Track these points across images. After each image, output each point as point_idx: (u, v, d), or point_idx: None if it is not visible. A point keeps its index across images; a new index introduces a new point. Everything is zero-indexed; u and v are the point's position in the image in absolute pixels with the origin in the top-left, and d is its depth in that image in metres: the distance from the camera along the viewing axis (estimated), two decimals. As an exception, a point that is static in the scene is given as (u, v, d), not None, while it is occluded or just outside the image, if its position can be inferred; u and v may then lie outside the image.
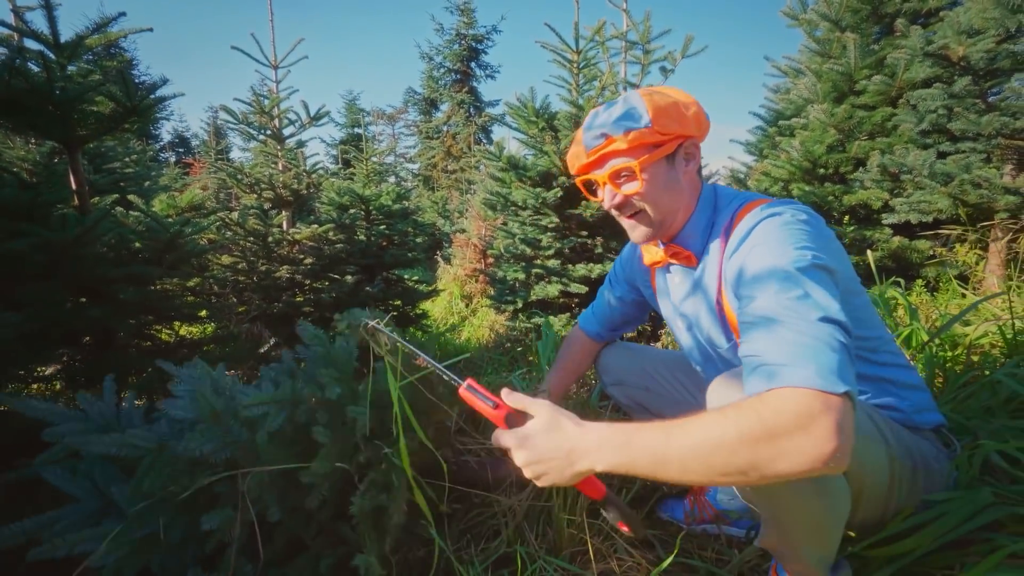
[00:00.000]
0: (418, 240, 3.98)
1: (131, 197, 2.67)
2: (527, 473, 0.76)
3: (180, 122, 23.10)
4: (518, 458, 0.76)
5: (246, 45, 3.04)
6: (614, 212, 1.02)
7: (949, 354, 1.67)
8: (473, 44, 18.97)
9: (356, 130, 22.02)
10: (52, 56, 2.01)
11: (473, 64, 19.29)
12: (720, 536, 1.25)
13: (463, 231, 8.41)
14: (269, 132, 2.93)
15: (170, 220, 2.34)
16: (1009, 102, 2.40)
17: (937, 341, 1.64)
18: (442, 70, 19.45)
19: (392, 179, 17.54)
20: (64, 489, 1.08)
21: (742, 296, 0.81)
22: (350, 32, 66.12)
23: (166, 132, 22.13)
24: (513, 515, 1.22)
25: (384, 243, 3.74)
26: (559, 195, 2.86)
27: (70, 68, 2.12)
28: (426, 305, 4.20)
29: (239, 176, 2.90)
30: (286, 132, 3.01)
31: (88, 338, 2.11)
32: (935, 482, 0.93)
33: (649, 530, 1.28)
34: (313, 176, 3.05)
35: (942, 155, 2.90)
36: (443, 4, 18.94)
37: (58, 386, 2.00)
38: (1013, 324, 1.48)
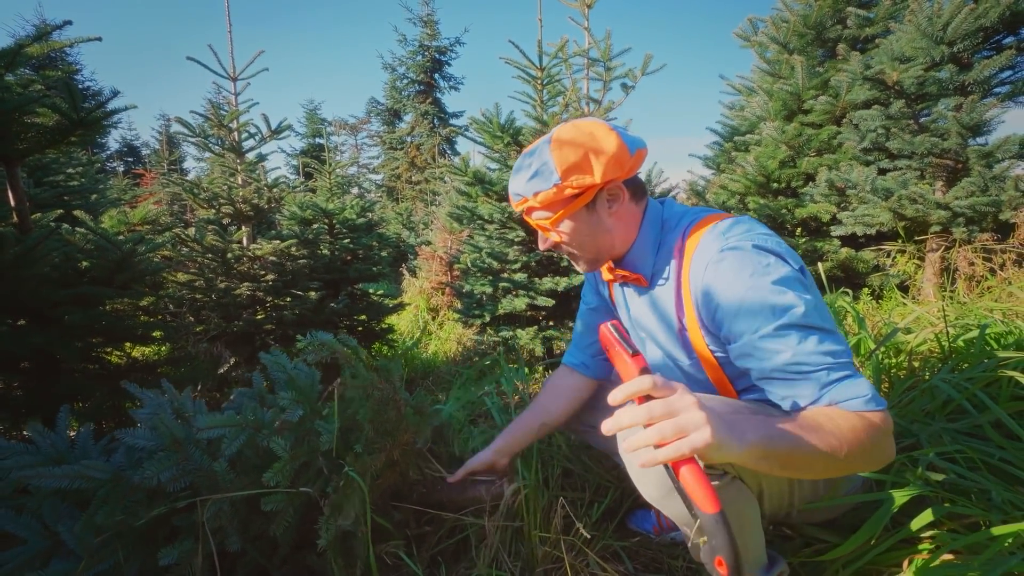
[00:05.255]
0: (383, 254, 3.94)
1: (77, 213, 2.54)
2: (695, 418, 0.62)
3: (129, 130, 21.98)
4: (685, 401, 0.63)
5: (203, 56, 2.96)
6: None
7: (893, 361, 1.78)
8: (437, 56, 19.02)
9: (317, 140, 21.61)
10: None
11: (437, 76, 19.32)
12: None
13: (428, 243, 8.35)
14: (228, 145, 2.85)
15: (122, 238, 2.24)
16: (938, 124, 2.60)
17: (882, 349, 1.74)
18: (405, 81, 19.39)
19: (355, 190, 17.28)
20: (9, 530, 1.02)
21: (745, 353, 0.85)
22: (311, 41, 65.11)
23: (114, 140, 21.14)
24: (486, 536, 1.22)
25: (348, 257, 3.68)
26: (525, 209, 2.89)
27: (8, 77, 2.01)
28: (392, 319, 4.14)
29: (196, 190, 2.80)
30: (246, 145, 2.93)
31: (27, 364, 1.99)
32: (840, 478, 1.00)
33: (619, 542, 1.31)
34: (275, 190, 2.98)
35: (883, 171, 3.09)
36: (406, 15, 18.94)
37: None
38: (947, 332, 1.59)
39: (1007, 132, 2.53)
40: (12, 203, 2.04)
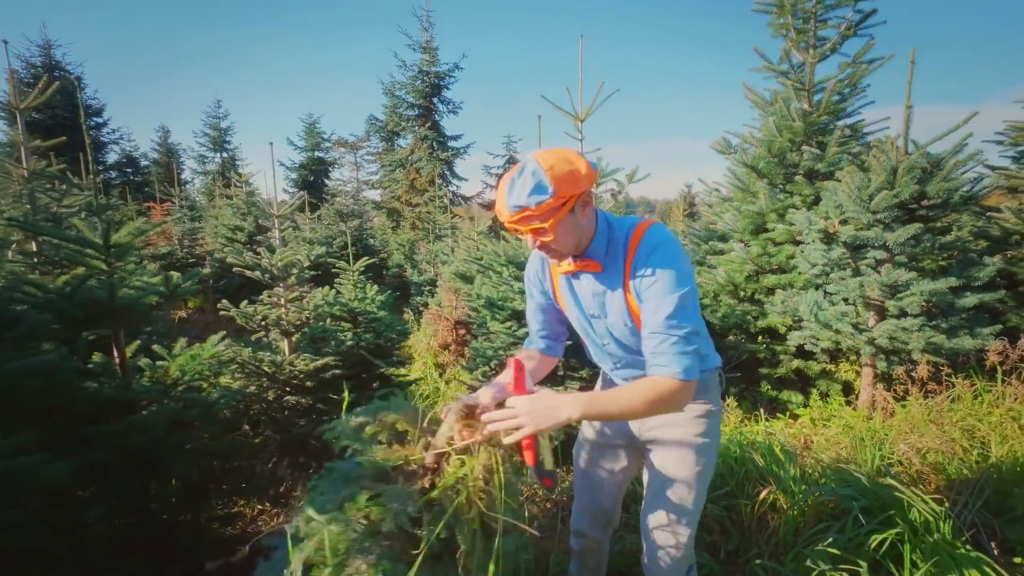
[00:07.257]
0: (401, 343, 4.46)
1: (156, 347, 3.05)
2: (523, 420, 1.17)
3: (129, 141, 21.98)
4: (523, 409, 1.17)
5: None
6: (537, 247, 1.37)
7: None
8: (436, 81, 19.45)
9: (317, 154, 22.10)
10: (102, 256, 2.45)
11: (436, 100, 19.76)
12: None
13: (434, 287, 8.81)
14: (267, 282, 3.42)
15: (205, 390, 2.75)
16: (865, 276, 3.17)
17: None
18: (405, 104, 19.81)
19: (356, 207, 17.66)
20: None
21: (647, 309, 1.29)
22: (312, 52, 65.30)
23: (113, 153, 21.08)
24: None
25: (371, 348, 4.21)
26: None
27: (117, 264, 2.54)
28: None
29: (247, 318, 3.35)
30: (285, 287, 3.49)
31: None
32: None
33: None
34: (312, 311, 3.52)
35: (829, 293, 3.66)
36: (405, 41, 19.35)
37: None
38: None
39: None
40: (116, 359, 2.56)
